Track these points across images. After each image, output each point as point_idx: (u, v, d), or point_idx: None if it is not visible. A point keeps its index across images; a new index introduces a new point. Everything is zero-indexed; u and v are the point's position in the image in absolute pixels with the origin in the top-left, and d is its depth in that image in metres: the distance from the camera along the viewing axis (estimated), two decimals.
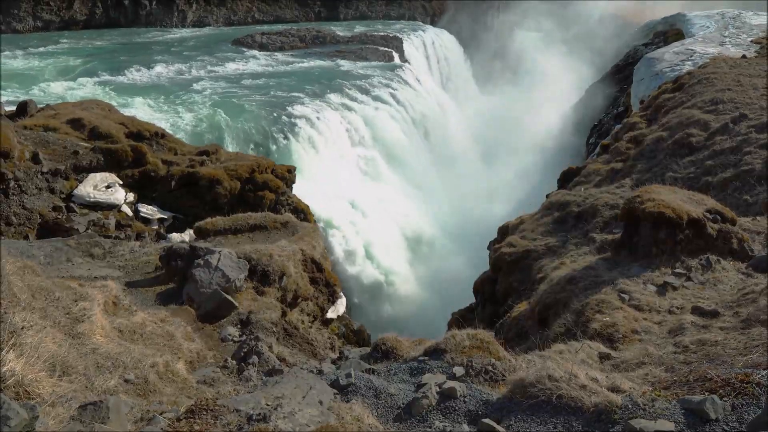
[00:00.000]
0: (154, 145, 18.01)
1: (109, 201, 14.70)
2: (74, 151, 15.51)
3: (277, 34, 59.80)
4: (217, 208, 15.65)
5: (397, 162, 36.21)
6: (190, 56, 48.28)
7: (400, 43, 59.77)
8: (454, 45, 73.54)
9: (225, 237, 11.21)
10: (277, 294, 9.33)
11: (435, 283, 28.87)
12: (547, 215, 11.87)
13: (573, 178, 16.20)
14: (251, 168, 17.84)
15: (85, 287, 6.29)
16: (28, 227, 12.72)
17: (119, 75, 39.98)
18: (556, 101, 51.62)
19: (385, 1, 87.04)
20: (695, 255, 7.54)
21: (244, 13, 73.21)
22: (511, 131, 47.96)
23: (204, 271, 8.28)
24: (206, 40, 58.61)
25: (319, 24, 73.06)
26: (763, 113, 14.25)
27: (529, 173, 36.44)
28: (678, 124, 15.44)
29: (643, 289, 7.07)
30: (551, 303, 7.89)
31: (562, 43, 70.63)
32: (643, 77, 27.62)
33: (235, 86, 38.29)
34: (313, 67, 46.83)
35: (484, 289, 12.59)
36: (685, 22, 39.87)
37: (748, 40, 29.48)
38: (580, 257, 9.12)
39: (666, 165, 13.78)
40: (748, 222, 8.70)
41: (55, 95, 32.15)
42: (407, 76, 46.01)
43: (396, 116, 38.59)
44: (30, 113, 18.16)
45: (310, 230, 12.21)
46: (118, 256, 9.65)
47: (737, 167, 12.20)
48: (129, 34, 59.46)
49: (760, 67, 20.06)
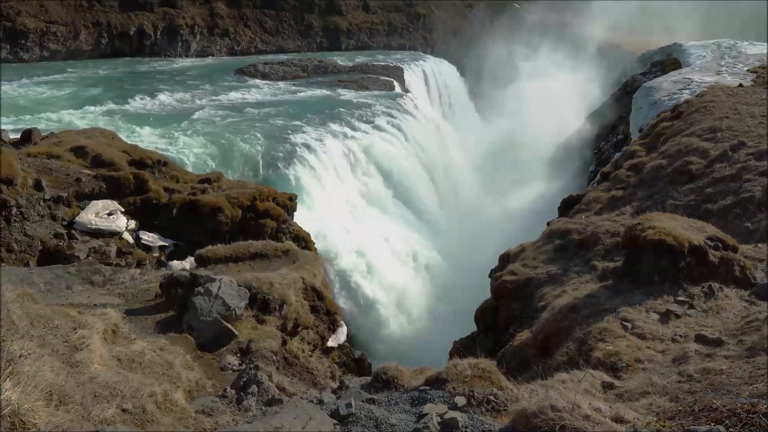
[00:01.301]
0: (156, 172, 18.12)
1: (110, 228, 14.72)
2: (77, 178, 15.59)
3: (279, 63, 60.63)
4: (218, 235, 15.65)
5: (398, 190, 36.34)
6: (193, 85, 48.90)
7: (400, 73, 60.54)
8: (454, 74, 74.50)
9: (226, 265, 11.18)
10: (277, 322, 9.26)
11: (436, 310, 28.70)
12: (549, 243, 11.85)
13: (574, 206, 16.22)
14: (253, 196, 17.91)
15: (85, 315, 6.26)
16: (29, 254, 12.72)
17: (123, 104, 40.43)
18: (555, 130, 52.01)
19: (385, 32, 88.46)
20: (697, 283, 7.50)
21: (247, 43, 74.36)
22: (511, 159, 48.26)
23: (204, 299, 8.24)
24: (209, 69, 59.43)
25: (321, 54, 74.12)
26: (762, 141, 14.34)
27: (529, 201, 36.55)
28: (677, 152, 15.53)
29: (645, 317, 7.02)
30: (553, 331, 7.83)
31: (562, 72, 71.54)
32: (641, 106, 27.88)
33: (238, 115, 38.67)
34: (314, 96, 47.36)
35: (485, 318, 12.50)
36: (681, 52, 40.42)
37: (745, 69, 29.83)
38: (581, 285, 9.08)
39: (666, 192, 13.81)
40: (750, 249, 8.68)
41: (59, 123, 32.46)
42: (408, 105, 46.49)
43: (397, 145, 38.86)
44: (34, 141, 18.32)
45: (311, 258, 12.19)
46: (119, 284, 9.62)
47: (737, 194, 12.22)
48: (133, 64, 60.34)
49: (757, 95, 20.27)
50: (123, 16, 64.88)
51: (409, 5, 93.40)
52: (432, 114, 52.60)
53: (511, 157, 48.68)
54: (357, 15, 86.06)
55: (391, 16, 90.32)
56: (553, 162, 42.28)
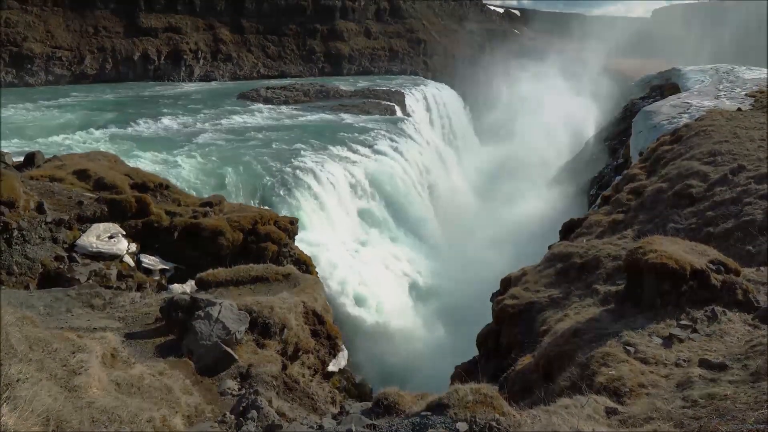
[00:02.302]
0: (158, 196, 18.17)
1: (111, 251, 14.71)
2: (79, 201, 15.64)
3: (281, 88, 61.24)
4: (219, 259, 15.63)
5: (399, 213, 36.37)
6: (196, 109, 49.32)
7: (402, 97, 61.09)
8: (454, 98, 75.15)
9: (227, 288, 11.15)
10: (277, 347, 9.20)
11: (438, 335, 28.49)
12: (550, 267, 11.82)
13: (575, 230, 16.21)
14: (254, 219, 17.93)
15: (84, 339, 6.22)
16: (30, 277, 12.69)
17: (127, 127, 40.74)
18: (556, 153, 52.28)
19: (387, 57, 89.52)
20: (700, 306, 7.46)
21: (250, 68, 75.22)
22: (511, 182, 48.37)
23: (204, 323, 8.20)
24: (212, 94, 60.03)
25: (323, 79, 74.93)
26: (762, 164, 14.39)
27: (530, 224, 36.52)
28: (678, 175, 15.58)
29: (648, 341, 6.96)
30: (556, 356, 7.76)
31: (561, 96, 72.12)
32: (641, 129, 28.05)
33: (240, 139, 38.92)
34: (316, 121, 47.72)
35: (487, 342, 12.41)
36: (680, 77, 40.82)
37: (743, 94, 30.08)
38: (583, 309, 9.03)
39: (667, 216, 13.81)
40: (752, 272, 8.64)
41: (63, 147, 32.69)
42: (409, 129, 46.80)
43: (398, 168, 39.02)
44: (37, 164, 18.43)
45: (311, 282, 12.16)
46: (119, 307, 9.58)
47: (738, 218, 12.21)
48: (137, 88, 60.98)
49: (755, 119, 20.40)
50: (128, 42, 65.79)
51: (410, 31, 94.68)
52: (433, 138, 52.94)
53: (511, 181, 48.82)
54: (358, 40, 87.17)
55: (393, 41, 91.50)
56: (553, 185, 42.40)
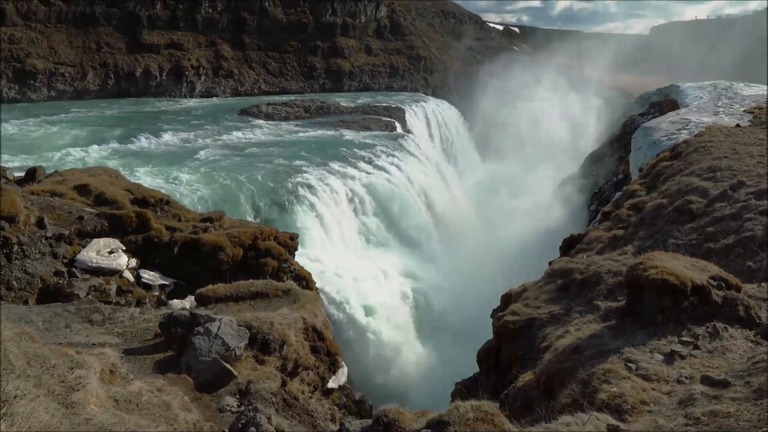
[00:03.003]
0: (158, 211, 18.17)
1: (111, 266, 14.68)
2: (79, 216, 15.65)
3: (282, 104, 61.60)
4: (219, 274, 15.59)
5: (400, 229, 36.39)
6: (197, 125, 49.59)
7: (402, 114, 61.44)
8: (455, 115, 75.58)
9: (226, 304, 11.11)
10: (277, 363, 9.14)
11: (438, 350, 28.34)
12: (550, 283, 11.79)
13: (575, 246, 16.18)
14: (254, 235, 17.92)
15: (82, 354, 6.19)
16: (29, 292, 12.66)
17: (128, 142, 40.92)
18: (555, 169, 52.39)
19: (387, 74, 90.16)
20: (701, 323, 7.43)
21: (251, 84, 75.73)
22: (511, 198, 48.44)
23: (204, 339, 8.16)
24: (213, 109, 60.38)
25: (323, 95, 75.43)
26: (761, 180, 14.41)
27: (531, 240, 36.52)
28: (677, 191, 15.60)
29: (650, 358, 6.92)
30: (557, 373, 7.71)
31: (561, 112, 72.50)
32: (641, 146, 28.14)
33: (241, 154, 39.07)
34: (317, 137, 47.94)
35: (488, 358, 12.34)
36: (678, 93, 41.04)
37: (741, 110, 30.21)
38: (584, 325, 8.99)
39: (667, 232, 13.80)
40: (753, 288, 8.61)
41: (64, 162, 32.80)
42: (409, 146, 46.99)
43: (398, 184, 39.11)
44: (38, 179, 18.47)
45: (311, 298, 12.12)
46: (118, 323, 9.54)
47: (739, 234, 12.20)
48: (139, 104, 61.38)
49: (754, 135, 20.47)
50: (130, 58, 66.33)
51: (411, 48, 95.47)
52: (433, 154, 53.15)
53: (511, 196, 48.90)
54: (359, 57, 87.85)
55: (393, 58, 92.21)
56: (553, 201, 42.45)
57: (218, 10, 74.54)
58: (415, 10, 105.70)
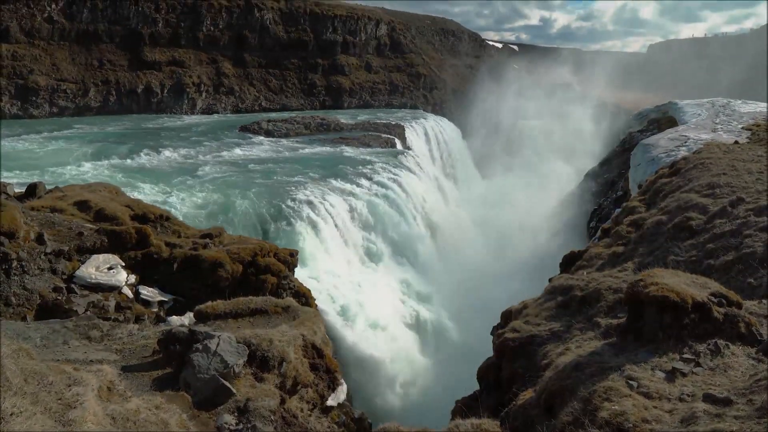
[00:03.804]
0: (158, 227, 18.17)
1: (110, 282, 14.65)
2: (79, 232, 15.64)
3: (282, 121, 61.91)
4: (218, 291, 15.55)
5: (400, 245, 36.36)
6: (197, 141, 49.78)
7: (402, 131, 61.75)
8: (454, 132, 75.96)
9: (225, 321, 11.05)
10: (276, 380, 9.08)
11: (438, 369, 28.17)
12: (551, 300, 11.74)
13: (575, 262, 16.16)
14: (254, 251, 17.89)
15: (80, 371, 6.15)
16: (27, 308, 12.61)
17: (129, 159, 41.05)
18: (555, 185, 52.50)
19: (387, 91, 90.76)
20: (702, 339, 7.39)
21: (252, 101, 76.17)
22: (511, 215, 48.47)
23: (202, 356, 8.11)
24: (214, 126, 60.65)
25: (324, 112, 75.83)
26: (760, 197, 14.44)
27: (530, 256, 36.48)
28: (677, 207, 15.62)
29: (651, 375, 6.87)
30: (557, 391, 7.65)
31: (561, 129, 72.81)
32: (640, 162, 28.23)
33: (241, 171, 39.17)
34: (317, 153, 48.11)
35: (488, 376, 12.25)
36: (677, 110, 41.28)
37: (739, 127, 30.37)
38: (585, 343, 8.94)
39: (667, 248, 13.79)
40: (754, 305, 8.58)
41: (65, 178, 32.88)
42: (409, 162, 47.14)
43: (398, 201, 39.16)
44: (39, 195, 18.49)
45: (311, 315, 12.06)
46: (116, 339, 9.49)
47: (739, 250, 12.19)
48: (140, 120, 61.69)
49: (753, 152, 20.56)
50: (131, 75, 66.80)
51: (411, 65, 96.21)
52: (433, 170, 53.30)
53: (511, 213, 48.92)
54: (359, 74, 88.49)
55: (393, 75, 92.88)
56: (553, 218, 42.48)
57: (220, 28, 75.24)
58: (414, 28, 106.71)
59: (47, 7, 62.06)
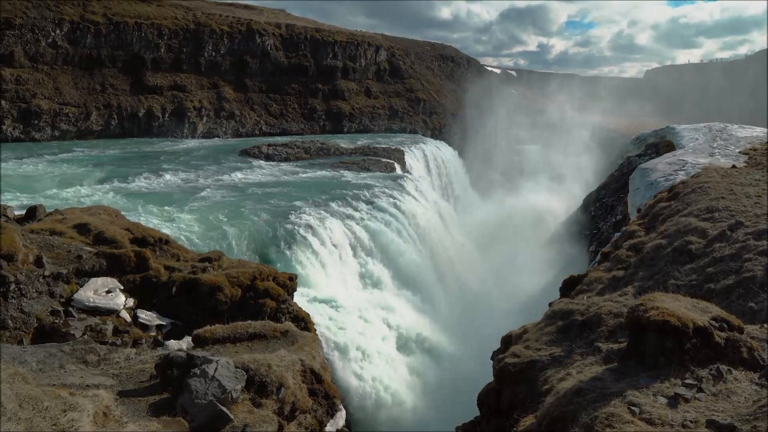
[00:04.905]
0: (157, 250, 18.14)
1: (108, 306, 14.57)
2: (78, 255, 15.61)
3: (282, 145, 62.24)
4: (217, 315, 15.46)
5: (399, 270, 36.25)
6: (198, 165, 49.96)
7: (401, 155, 62.05)
8: (453, 156, 76.35)
9: (224, 345, 10.97)
10: (274, 406, 8.98)
11: (438, 394, 27.89)
12: (551, 324, 11.68)
13: (575, 287, 16.11)
14: (253, 275, 17.83)
15: (76, 396, 6.09)
16: (24, 331, 12.52)
17: (129, 182, 41.15)
18: (554, 209, 52.61)
19: (387, 116, 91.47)
20: (704, 365, 7.34)
21: (252, 125, 76.68)
22: (511, 239, 48.47)
23: (200, 381, 8.03)
24: (214, 150, 60.94)
25: (324, 136, 76.31)
26: (759, 220, 14.46)
27: (530, 280, 36.38)
28: (676, 231, 15.63)
29: (653, 401, 6.81)
30: (559, 417, 7.57)
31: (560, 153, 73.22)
32: (638, 186, 28.32)
33: (241, 194, 39.24)
34: (316, 177, 48.26)
35: (488, 401, 12.12)
36: (674, 135, 41.55)
37: (737, 151, 30.53)
38: (586, 368, 8.87)
39: (667, 272, 13.77)
40: (756, 330, 8.54)
41: (65, 201, 32.92)
42: (409, 187, 47.26)
43: (398, 225, 39.17)
44: (38, 217, 18.49)
45: (310, 339, 11.97)
46: (113, 364, 9.41)
47: (739, 274, 12.17)
48: (141, 144, 62.00)
49: (750, 176, 20.65)
50: (133, 99, 67.35)
51: (410, 91, 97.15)
52: (432, 195, 53.42)
53: (510, 237, 48.93)
54: (359, 99, 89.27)
55: (392, 100, 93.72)
56: (553, 241, 42.48)
57: (221, 53, 76.11)
58: (414, 54, 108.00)
59: (51, 33, 62.86)
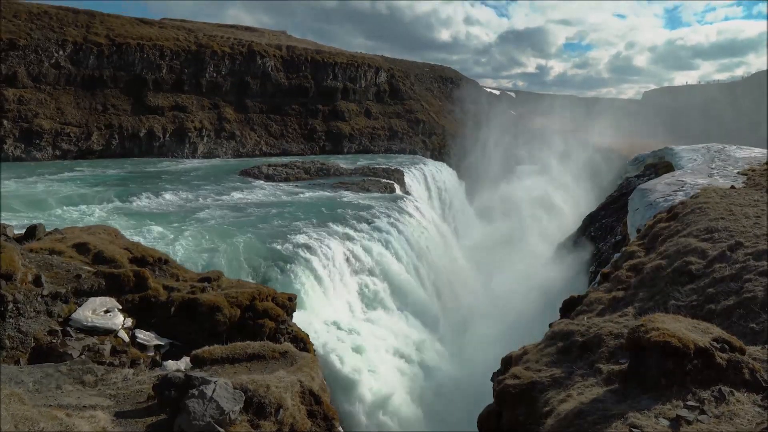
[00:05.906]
0: (156, 270, 18.10)
1: (106, 326, 14.49)
2: (77, 274, 15.57)
3: (282, 165, 62.45)
4: (215, 335, 15.38)
5: (398, 291, 36.14)
6: (198, 185, 50.08)
7: (401, 176, 62.24)
8: (453, 177, 76.58)
9: (222, 366, 10.90)
10: (272, 428, 8.89)
11: (437, 416, 27.60)
12: (551, 345, 11.61)
13: (575, 307, 16.06)
14: (252, 295, 17.77)
15: (72, 417, 6.03)
16: (21, 351, 12.43)
17: (129, 201, 41.19)
18: (554, 230, 52.63)
19: (387, 136, 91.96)
20: (706, 386, 7.28)
21: (252, 146, 77.04)
22: (510, 259, 48.40)
23: (198, 402, 7.96)
24: (215, 170, 61.12)
25: (323, 157, 76.63)
26: (759, 241, 14.47)
27: (530, 302, 36.24)
28: (676, 252, 15.62)
29: (655, 423, 6.74)
30: None
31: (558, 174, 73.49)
32: (638, 207, 28.38)
33: (240, 214, 39.26)
34: (316, 198, 48.33)
35: (488, 424, 11.99)
36: (673, 155, 41.77)
37: (735, 172, 30.66)
38: (587, 389, 8.80)
39: (667, 293, 13.73)
40: (758, 351, 8.49)
41: (65, 220, 32.92)
42: (408, 207, 47.32)
43: (397, 246, 39.14)
44: (38, 237, 18.47)
45: (308, 360, 11.89)
46: (110, 384, 9.33)
47: (739, 294, 12.14)
48: (141, 164, 62.21)
49: (749, 196, 20.71)
50: (134, 119, 67.76)
51: (410, 112, 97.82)
52: (432, 215, 53.46)
53: (510, 257, 48.88)
54: (359, 120, 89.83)
55: (392, 121, 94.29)
56: (552, 262, 42.41)
57: (222, 74, 76.76)
58: (414, 75, 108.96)
59: (55, 54, 63.49)
